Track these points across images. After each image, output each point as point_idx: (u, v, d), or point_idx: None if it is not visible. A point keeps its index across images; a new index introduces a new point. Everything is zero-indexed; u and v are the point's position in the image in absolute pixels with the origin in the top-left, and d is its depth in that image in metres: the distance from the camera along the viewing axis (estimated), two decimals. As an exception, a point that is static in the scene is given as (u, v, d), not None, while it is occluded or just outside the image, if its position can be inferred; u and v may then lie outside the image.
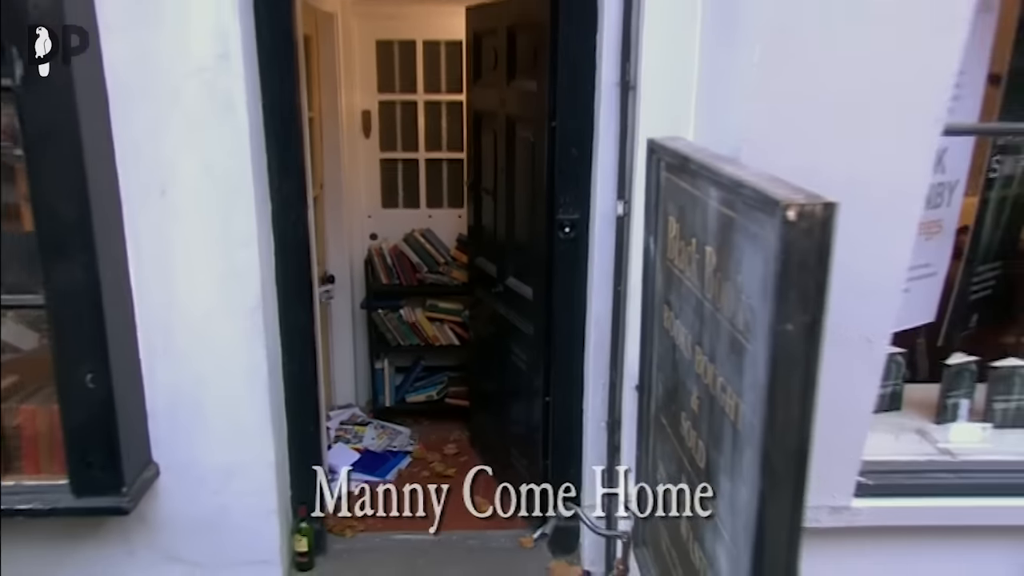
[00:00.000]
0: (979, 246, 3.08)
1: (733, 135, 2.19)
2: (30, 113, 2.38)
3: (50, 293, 2.54)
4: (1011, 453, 2.70)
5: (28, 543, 2.93)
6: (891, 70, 1.99)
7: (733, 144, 2.14)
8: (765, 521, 1.41)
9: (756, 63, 2.10)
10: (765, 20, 2.04)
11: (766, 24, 2.04)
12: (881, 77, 2.00)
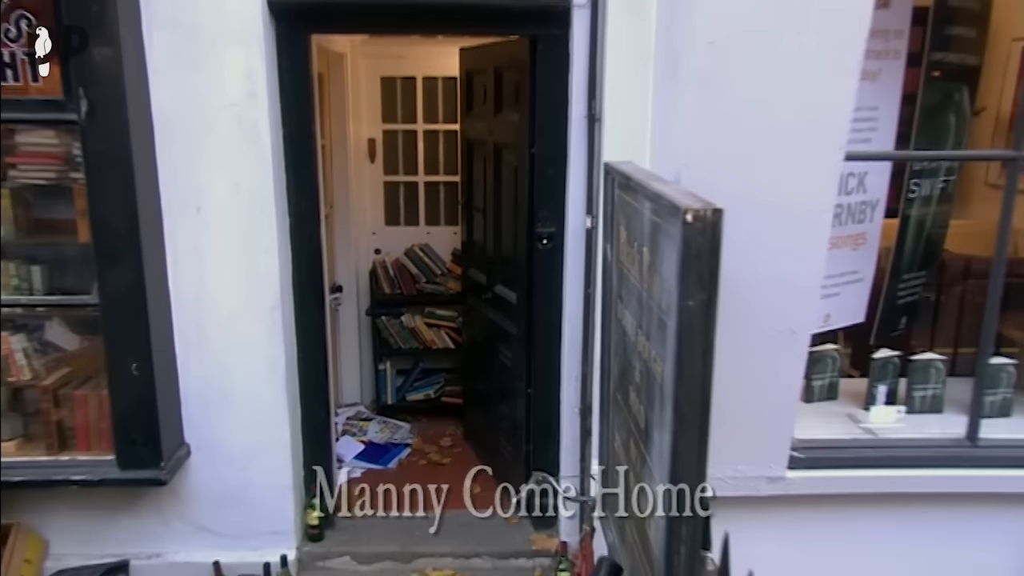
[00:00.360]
0: (903, 257, 3.47)
1: (677, 161, 2.57)
2: (91, 143, 2.77)
3: (103, 294, 2.92)
4: (922, 432, 3.08)
5: (78, 512, 3.29)
6: (799, 110, 2.39)
7: (677, 169, 2.52)
8: (678, 454, 1.76)
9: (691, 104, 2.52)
10: (697, 68, 2.45)
11: (698, 72, 2.45)
12: (791, 115, 2.39)
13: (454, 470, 4.31)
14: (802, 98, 2.37)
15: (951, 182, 3.47)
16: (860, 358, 3.73)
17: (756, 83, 2.37)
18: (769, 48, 2.34)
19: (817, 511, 3.00)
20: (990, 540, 3.00)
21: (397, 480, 4.19)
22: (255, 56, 2.96)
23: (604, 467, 2.86)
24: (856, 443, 3.06)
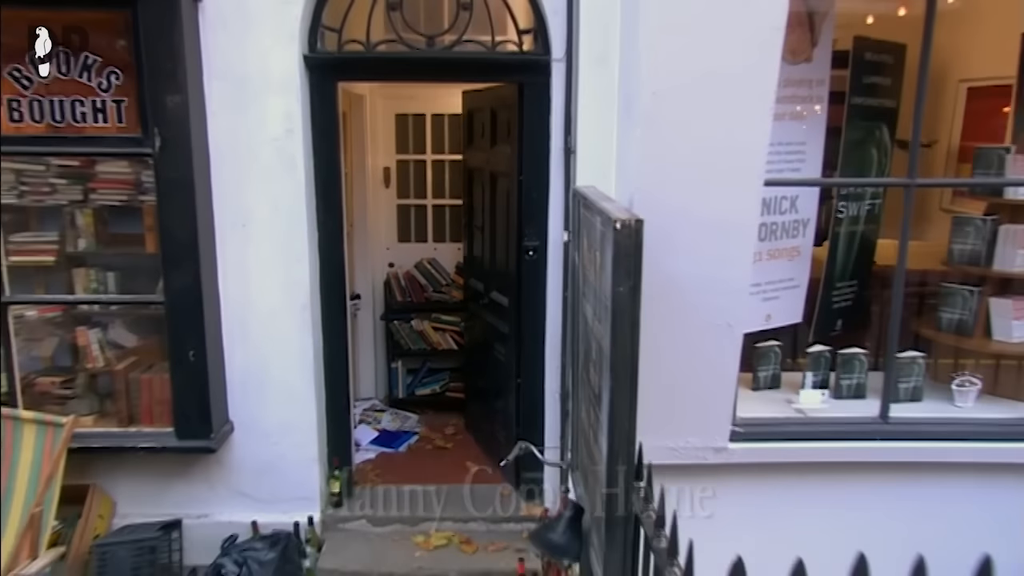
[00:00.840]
0: (835, 268, 3.97)
1: (632, 185, 3.10)
2: (162, 172, 3.33)
3: (168, 294, 3.47)
4: (843, 412, 3.57)
5: (140, 478, 3.78)
6: (725, 145, 2.90)
7: (631, 191, 3.05)
8: (614, 403, 2.27)
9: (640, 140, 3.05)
10: (644, 112, 2.98)
11: (645, 115, 2.98)
12: (719, 149, 2.91)
13: (456, 453, 4.81)
14: (727, 136, 2.89)
15: (877, 205, 3.97)
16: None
17: (690, 124, 2.89)
18: (699, 97, 2.87)
19: (757, 477, 3.45)
20: (897, 504, 3.44)
21: (407, 461, 4.73)
22: (293, 100, 3.52)
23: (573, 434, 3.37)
24: (788, 421, 3.53)
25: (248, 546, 3.44)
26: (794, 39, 3.53)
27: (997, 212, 3.65)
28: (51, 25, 3.25)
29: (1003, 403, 3.60)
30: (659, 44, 2.89)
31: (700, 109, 2.89)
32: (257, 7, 3.38)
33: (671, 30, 2.85)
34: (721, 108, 2.88)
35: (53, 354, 3.85)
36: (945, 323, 3.77)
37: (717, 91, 2.86)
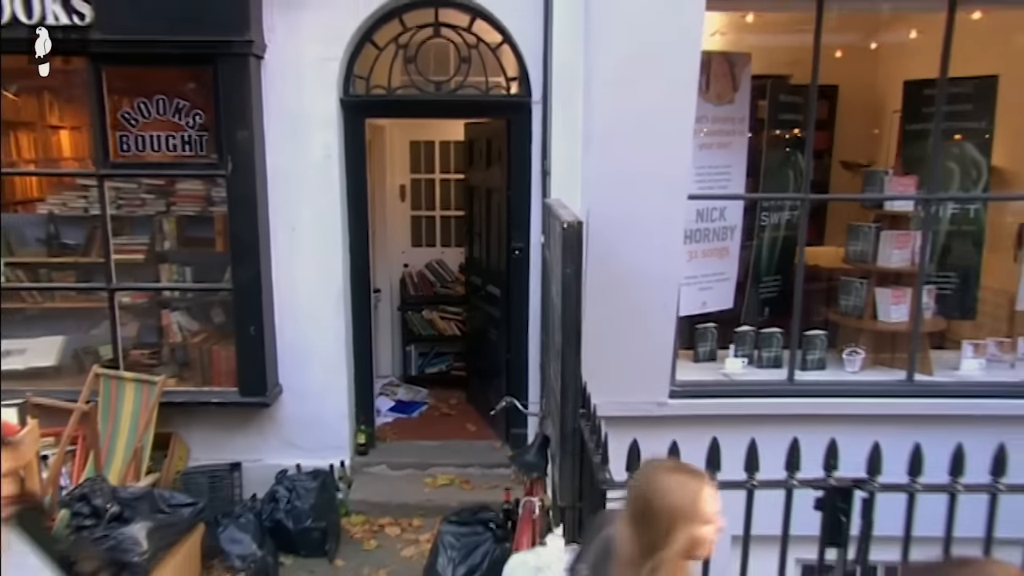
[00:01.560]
0: (760, 264, 4.76)
1: (589, 200, 3.92)
2: (232, 189, 4.18)
3: (235, 282, 4.30)
4: (759, 376, 4.36)
5: (208, 429, 4.59)
6: (656, 169, 3.69)
7: (588, 203, 3.88)
8: (564, 353, 3.09)
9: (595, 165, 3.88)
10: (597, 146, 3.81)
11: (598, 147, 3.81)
12: (652, 172, 3.70)
13: (458, 419, 5.61)
14: (657, 163, 3.69)
15: (795, 215, 4.78)
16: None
17: (630, 153, 3.70)
18: (636, 133, 3.68)
19: (691, 427, 4.17)
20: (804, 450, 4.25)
21: (418, 424, 5.55)
22: (331, 133, 4.37)
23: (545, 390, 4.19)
24: (715, 383, 4.31)
25: (296, 478, 4.26)
26: (719, 86, 4.36)
27: (881, 221, 4.48)
28: (153, 79, 4.13)
29: (883, 369, 4.41)
30: (605, 95, 3.71)
31: (637, 142, 3.70)
32: (305, 63, 4.23)
33: (614, 84, 3.68)
34: (652, 142, 3.68)
35: (142, 331, 4.70)
36: (843, 308, 4.58)
37: (649, 129, 3.67)
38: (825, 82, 5.47)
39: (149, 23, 3.90)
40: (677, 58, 3.59)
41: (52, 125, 4.84)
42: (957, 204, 4.59)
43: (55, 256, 4.65)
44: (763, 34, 4.90)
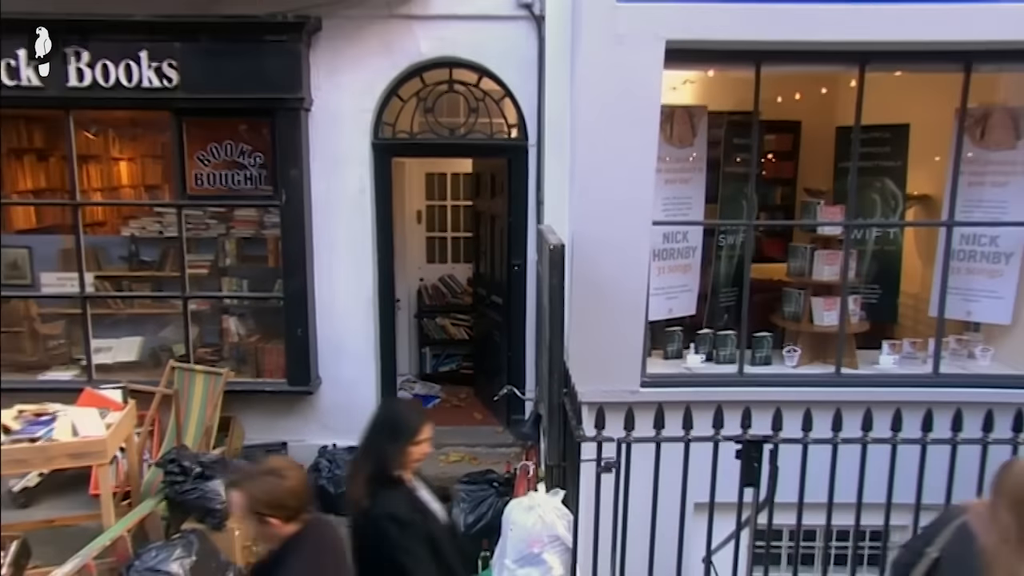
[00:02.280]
0: (719, 278, 5.55)
1: (574, 225, 4.72)
2: (285, 216, 4.98)
3: (286, 292, 5.10)
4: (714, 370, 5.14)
5: (260, 414, 5.34)
6: (624, 202, 4.45)
7: (572, 229, 4.69)
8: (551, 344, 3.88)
9: (577, 197, 4.69)
10: (579, 184, 4.61)
11: (579, 184, 4.61)
12: (621, 204, 4.46)
13: (467, 410, 6.37)
14: (627, 196, 4.47)
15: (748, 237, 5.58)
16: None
17: (605, 189, 4.46)
18: (610, 173, 4.44)
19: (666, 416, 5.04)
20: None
21: (432, 413, 6.30)
22: (364, 170, 5.17)
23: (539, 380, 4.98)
24: (678, 374, 5.06)
25: (335, 452, 5.01)
26: (680, 133, 5.16)
27: (816, 243, 5.28)
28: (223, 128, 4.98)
29: (817, 364, 5.19)
30: (586, 141, 4.51)
31: (611, 179, 4.47)
32: (344, 113, 5.04)
33: (593, 132, 4.47)
34: (623, 179, 4.45)
35: (205, 333, 5.51)
36: (786, 313, 5.37)
37: (620, 169, 4.43)
38: (791, 118, 6.29)
39: (222, 84, 4.73)
40: (642, 111, 4.37)
41: (115, 158, 5.70)
42: (879, 228, 5.41)
43: (135, 271, 5.47)
44: (728, 78, 5.61)
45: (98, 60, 4.66)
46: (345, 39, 4.89)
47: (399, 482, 2.71)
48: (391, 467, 2.69)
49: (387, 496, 2.63)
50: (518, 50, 4.96)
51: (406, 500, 2.71)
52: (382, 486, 2.65)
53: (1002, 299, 5.02)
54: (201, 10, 4.67)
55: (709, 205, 5.34)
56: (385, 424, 2.82)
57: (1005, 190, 4.92)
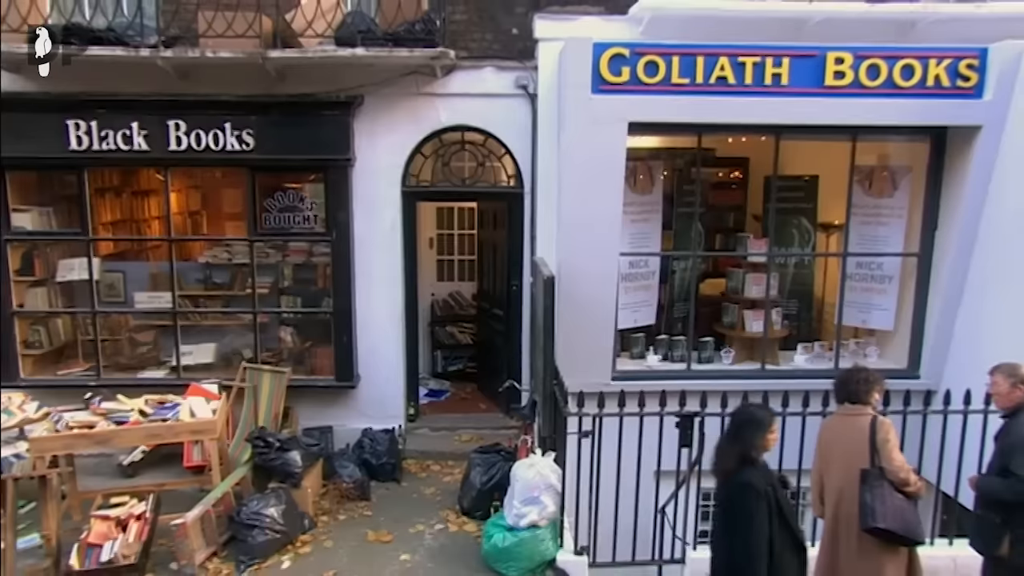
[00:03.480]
0: (673, 295, 6.81)
1: (559, 256, 5.95)
2: (334, 248, 6.15)
3: (335, 309, 6.26)
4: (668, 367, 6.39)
5: (311, 404, 6.44)
6: (597, 239, 5.71)
7: (559, 260, 5.92)
8: (545, 344, 5.12)
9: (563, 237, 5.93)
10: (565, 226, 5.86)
11: (565, 223, 5.86)
12: (596, 241, 5.71)
13: (473, 401, 7.54)
14: (599, 234, 5.68)
15: (696, 263, 6.84)
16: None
17: (583, 228, 5.70)
18: (586, 220, 5.68)
19: (627, 398, 6.28)
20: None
21: (445, 404, 7.52)
22: (395, 212, 6.34)
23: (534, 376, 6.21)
24: (641, 371, 6.28)
25: (374, 433, 6.14)
26: (642, 183, 6.42)
27: (746, 267, 6.56)
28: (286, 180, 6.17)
29: (748, 362, 6.46)
30: (569, 195, 5.74)
31: (588, 222, 5.67)
32: (380, 168, 6.19)
33: (575, 187, 5.71)
34: (597, 221, 5.65)
35: (265, 340, 6.66)
36: (725, 323, 6.65)
37: (594, 214, 5.65)
38: (740, 155, 7.49)
39: (287, 148, 5.91)
40: (611, 171, 5.58)
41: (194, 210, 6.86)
42: (795, 256, 6.72)
43: (209, 291, 6.62)
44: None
45: (193, 130, 5.82)
46: (382, 111, 6.09)
47: (757, 462, 3.42)
48: (754, 451, 3.40)
49: (749, 471, 3.36)
50: (516, 119, 6.17)
51: (762, 475, 3.39)
52: (745, 464, 3.39)
53: (887, 311, 6.34)
54: (272, 90, 5.85)
55: (667, 233, 6.59)
56: (751, 420, 3.50)
57: (887, 228, 6.24)
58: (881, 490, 3.57)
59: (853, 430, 3.72)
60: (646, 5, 5.48)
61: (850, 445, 3.70)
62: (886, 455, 3.60)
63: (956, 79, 5.33)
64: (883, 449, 3.61)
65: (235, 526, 4.84)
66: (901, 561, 3.67)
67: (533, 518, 4.57)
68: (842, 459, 3.71)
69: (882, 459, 3.60)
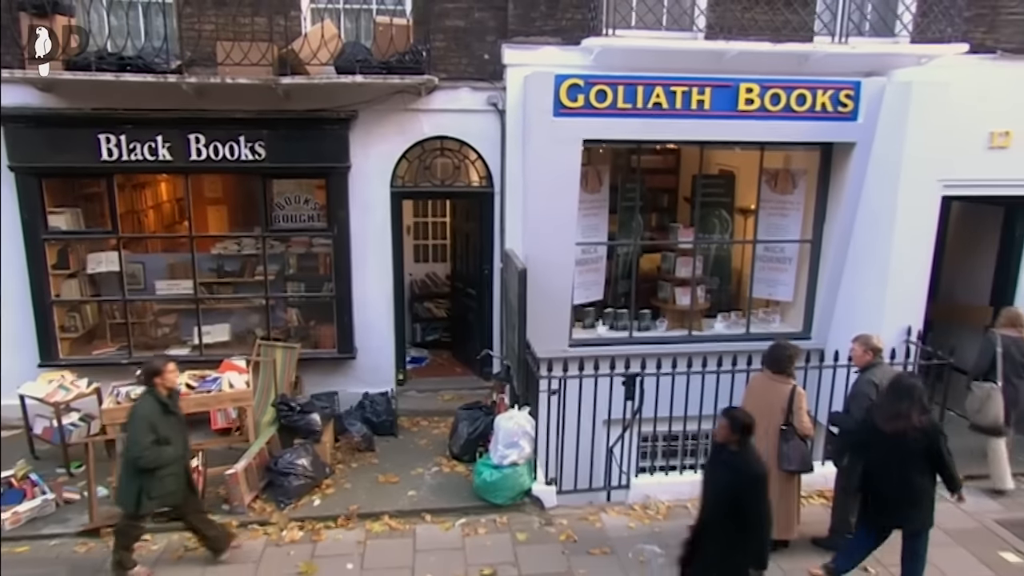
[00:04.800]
0: (618, 275, 8.00)
1: (526, 248, 7.05)
2: (335, 241, 7.04)
3: (336, 292, 7.20)
4: (614, 334, 7.62)
5: (316, 374, 7.44)
6: (558, 229, 6.85)
7: (525, 251, 7.01)
8: (518, 325, 6.23)
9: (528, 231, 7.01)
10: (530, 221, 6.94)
11: (530, 218, 6.94)
12: (556, 231, 6.86)
13: (449, 366, 8.58)
14: (559, 227, 6.79)
15: (637, 247, 8.02)
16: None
17: (545, 223, 6.79)
18: (547, 217, 6.78)
19: (586, 364, 7.48)
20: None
21: (426, 369, 8.58)
22: (385, 211, 7.21)
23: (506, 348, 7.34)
24: (592, 339, 7.41)
25: (373, 396, 7.16)
26: (592, 182, 7.52)
27: (677, 252, 7.79)
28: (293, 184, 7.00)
29: (678, 329, 7.74)
30: (533, 196, 6.81)
31: (548, 218, 6.76)
32: (372, 172, 7.04)
33: (538, 190, 6.78)
34: (556, 217, 6.75)
35: (273, 320, 7.54)
36: (660, 298, 7.90)
37: (554, 211, 6.77)
38: (673, 147, 8.60)
39: (294, 157, 6.72)
40: (568, 177, 6.65)
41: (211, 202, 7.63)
42: (716, 243, 7.98)
43: (221, 278, 7.43)
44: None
45: (211, 142, 6.58)
46: (374, 125, 6.96)
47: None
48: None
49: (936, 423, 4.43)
50: (487, 130, 7.12)
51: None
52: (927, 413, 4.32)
53: (788, 286, 7.68)
54: (280, 107, 6.65)
55: (613, 216, 7.68)
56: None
57: (788, 219, 7.53)
58: (794, 442, 4.85)
59: (776, 395, 4.87)
60: (594, 42, 6.50)
61: (773, 405, 4.85)
62: (799, 419, 4.83)
63: (837, 105, 6.57)
64: (798, 413, 4.83)
65: (272, 474, 5.84)
66: (793, 481, 4.99)
67: (514, 458, 5.73)
68: (766, 415, 4.76)
69: (795, 420, 4.83)
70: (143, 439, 4.48)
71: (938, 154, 6.35)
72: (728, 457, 3.92)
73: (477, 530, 5.48)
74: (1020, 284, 6.89)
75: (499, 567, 5.04)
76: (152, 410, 4.59)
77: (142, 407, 4.62)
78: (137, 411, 4.61)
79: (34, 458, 6.42)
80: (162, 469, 4.59)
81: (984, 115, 6.33)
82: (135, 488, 4.56)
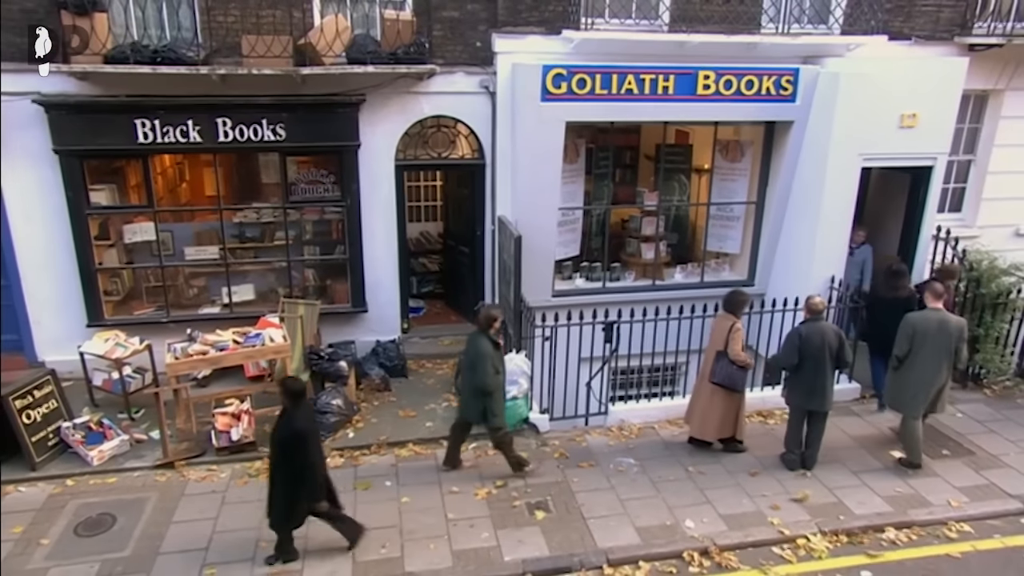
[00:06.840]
0: (591, 233, 8.89)
1: (516, 214, 7.88)
2: (348, 211, 7.71)
3: (349, 254, 7.92)
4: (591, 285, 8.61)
5: (333, 325, 8.27)
6: (543, 196, 7.70)
7: (516, 217, 7.85)
8: (513, 282, 7.15)
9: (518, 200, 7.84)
10: (519, 193, 7.76)
11: (519, 188, 7.77)
12: (543, 199, 7.70)
13: (444, 315, 9.46)
14: (544, 195, 7.59)
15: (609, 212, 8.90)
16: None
17: (531, 192, 7.64)
18: (534, 186, 7.62)
19: (563, 308, 8.34)
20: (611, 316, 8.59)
21: (424, 318, 9.46)
22: (391, 182, 7.88)
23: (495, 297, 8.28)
24: (571, 290, 8.33)
25: (384, 344, 8.00)
26: (571, 153, 8.33)
27: (643, 213, 8.74)
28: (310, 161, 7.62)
29: (644, 280, 8.76)
30: (522, 169, 7.63)
31: (535, 187, 7.60)
32: (379, 148, 7.65)
33: (526, 163, 7.59)
34: (541, 186, 7.60)
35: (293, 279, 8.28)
36: (628, 252, 8.90)
37: (540, 182, 7.62)
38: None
39: (310, 137, 7.33)
40: (552, 152, 7.45)
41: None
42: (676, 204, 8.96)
43: (242, 244, 8.08)
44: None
45: (236, 125, 7.14)
46: (380, 106, 7.57)
47: None
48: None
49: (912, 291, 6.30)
50: (480, 110, 7.79)
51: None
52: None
53: (736, 240, 8.71)
54: (296, 92, 7.21)
55: (588, 177, 8.47)
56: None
57: (737, 184, 8.50)
58: (723, 362, 5.98)
59: (723, 329, 6.04)
60: (573, 34, 7.22)
61: (718, 336, 6.07)
62: (731, 346, 5.95)
63: (779, 89, 7.48)
64: (731, 342, 5.95)
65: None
66: (733, 399, 6.17)
67: (514, 393, 6.74)
68: (715, 342, 6.09)
69: (729, 347, 5.98)
70: (490, 370, 5.57)
71: (859, 133, 7.35)
72: (285, 417, 4.83)
73: (487, 452, 6.51)
74: (922, 237, 8.08)
75: (508, 479, 6.11)
76: (490, 349, 5.66)
77: (484, 347, 5.68)
78: (481, 351, 5.64)
79: (95, 406, 7.16)
80: (497, 392, 5.75)
81: (897, 99, 7.31)
82: (481, 406, 5.72)
